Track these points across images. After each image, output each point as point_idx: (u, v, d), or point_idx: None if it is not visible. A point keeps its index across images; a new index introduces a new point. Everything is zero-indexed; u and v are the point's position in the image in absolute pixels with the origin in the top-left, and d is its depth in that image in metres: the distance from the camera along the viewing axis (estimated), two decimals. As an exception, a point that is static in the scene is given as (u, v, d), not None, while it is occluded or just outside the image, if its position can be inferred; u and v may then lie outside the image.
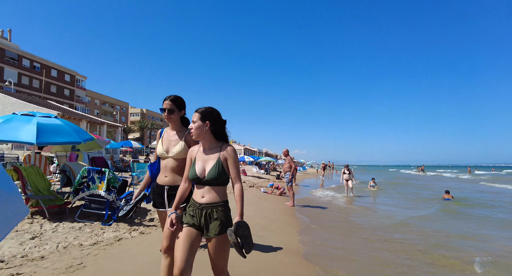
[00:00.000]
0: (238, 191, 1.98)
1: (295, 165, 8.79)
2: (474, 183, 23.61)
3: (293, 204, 8.66)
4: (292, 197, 8.70)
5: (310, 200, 10.85)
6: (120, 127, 26.16)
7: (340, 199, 11.03)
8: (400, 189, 17.44)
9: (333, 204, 9.75)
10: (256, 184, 14.46)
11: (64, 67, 51.62)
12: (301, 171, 39.68)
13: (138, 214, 5.37)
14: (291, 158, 8.88)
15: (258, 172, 22.63)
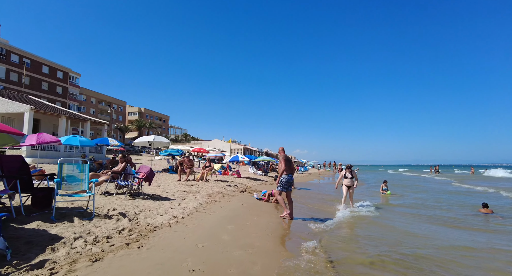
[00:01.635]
0: None
1: (284, 165, 6.81)
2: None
3: (290, 216, 6.67)
4: (284, 205, 6.76)
5: (315, 207, 8.81)
6: (106, 124, 24.17)
7: (355, 210, 8.98)
8: (419, 194, 15.34)
9: (348, 218, 7.71)
10: (250, 188, 12.42)
11: (56, 64, 49.73)
12: (303, 171, 37.62)
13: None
14: (283, 157, 6.90)
15: (255, 172, 20.59)
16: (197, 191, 9.19)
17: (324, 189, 15.91)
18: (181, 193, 8.36)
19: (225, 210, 6.78)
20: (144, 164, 19.40)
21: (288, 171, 6.76)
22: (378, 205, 10.06)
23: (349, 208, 8.59)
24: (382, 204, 10.63)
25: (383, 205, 10.56)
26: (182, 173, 12.86)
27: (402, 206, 10.37)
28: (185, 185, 10.42)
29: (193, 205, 6.80)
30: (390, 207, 10.12)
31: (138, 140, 16.94)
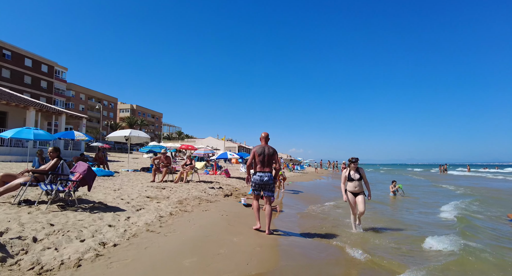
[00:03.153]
0: None
1: (250, 159, 4.99)
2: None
3: (268, 231, 4.84)
4: (257, 215, 5.12)
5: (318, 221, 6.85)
6: (85, 118, 21.96)
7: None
8: (433, 195, 13.45)
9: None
10: (238, 190, 10.42)
11: (40, 57, 47.09)
12: (299, 170, 35.71)
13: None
14: (256, 148, 5.01)
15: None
16: (166, 197, 7.15)
17: (326, 192, 13.96)
18: (141, 200, 6.31)
19: (193, 226, 4.76)
20: (133, 161, 17.02)
21: (257, 167, 4.83)
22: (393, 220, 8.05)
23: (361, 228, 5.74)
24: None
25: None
26: (157, 172, 10.81)
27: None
28: (155, 188, 8.37)
29: (147, 220, 4.76)
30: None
31: (112, 134, 14.82)
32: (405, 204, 10.30)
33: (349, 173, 5.74)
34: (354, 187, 5.67)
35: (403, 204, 10.44)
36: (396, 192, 11.96)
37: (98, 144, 38.98)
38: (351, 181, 5.69)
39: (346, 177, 5.75)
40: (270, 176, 4.82)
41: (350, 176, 5.71)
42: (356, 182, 5.66)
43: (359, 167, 5.74)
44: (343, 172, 5.85)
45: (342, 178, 5.84)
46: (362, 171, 5.73)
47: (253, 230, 4.99)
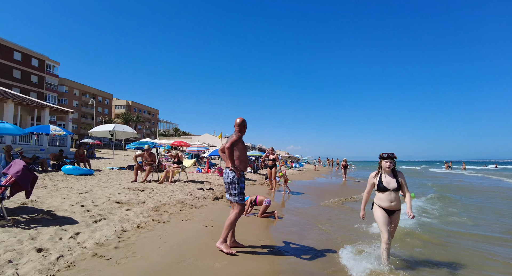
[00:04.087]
0: None
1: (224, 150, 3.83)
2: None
3: (235, 243, 3.72)
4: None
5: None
6: (71, 112, 20.65)
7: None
8: (459, 198, 12.33)
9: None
10: (231, 191, 9.23)
11: (30, 50, 45.48)
12: (297, 168, 34.59)
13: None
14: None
15: (243, 170, 17.45)
16: (142, 201, 5.95)
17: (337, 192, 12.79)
18: (106, 207, 5.11)
19: (163, 246, 3.57)
20: (122, 159, 15.60)
21: (232, 161, 3.65)
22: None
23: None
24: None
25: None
26: (140, 171, 9.61)
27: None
28: (132, 190, 7.17)
29: (102, 237, 3.57)
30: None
31: (96, 129, 13.57)
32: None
33: (381, 178, 3.58)
34: (390, 201, 3.50)
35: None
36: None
37: (89, 140, 37.70)
38: (384, 191, 3.53)
39: (375, 184, 3.62)
40: (228, 173, 3.70)
41: (382, 183, 3.54)
42: (392, 193, 3.50)
43: (398, 171, 3.62)
44: (370, 177, 3.71)
45: (368, 185, 3.72)
46: (402, 177, 3.60)
47: (243, 248, 3.82)
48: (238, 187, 3.67)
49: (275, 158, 10.83)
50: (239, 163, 3.71)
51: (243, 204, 3.74)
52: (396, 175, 3.59)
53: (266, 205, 6.23)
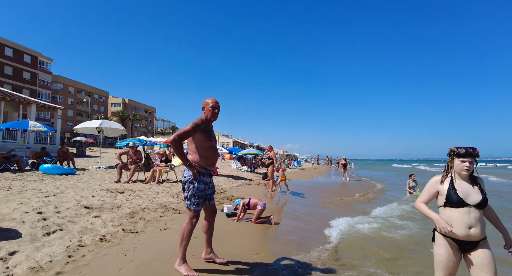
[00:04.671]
0: None
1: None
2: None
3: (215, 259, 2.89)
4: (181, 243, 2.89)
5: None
6: (60, 109, 19.75)
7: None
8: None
9: None
10: (224, 192, 8.45)
11: (22, 46, 44.38)
12: (296, 166, 33.85)
13: None
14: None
15: (238, 168, 16.59)
16: (117, 206, 5.14)
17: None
18: (70, 214, 4.30)
19: (125, 269, 2.77)
20: (115, 157, 14.74)
21: (182, 157, 2.86)
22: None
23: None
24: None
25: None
26: (125, 170, 8.80)
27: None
28: (111, 192, 6.35)
29: (46, 256, 2.76)
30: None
31: (81, 126, 12.73)
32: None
33: (453, 185, 2.19)
34: (468, 225, 2.06)
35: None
36: (415, 189, 10.06)
37: (83, 138, 36.76)
38: (459, 205, 2.10)
39: (442, 193, 2.21)
40: (184, 170, 3.00)
41: (456, 193, 2.14)
42: (472, 211, 2.07)
43: (476, 176, 2.26)
44: (433, 181, 2.30)
45: (425, 194, 2.30)
46: (483, 184, 2.23)
47: (226, 266, 3.03)
48: (192, 187, 2.87)
49: (271, 156, 10.07)
50: (198, 159, 2.94)
51: (197, 211, 2.93)
52: (477, 182, 2.21)
53: (260, 209, 5.44)
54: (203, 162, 2.94)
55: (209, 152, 2.97)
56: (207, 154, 2.96)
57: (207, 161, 2.97)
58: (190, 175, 2.90)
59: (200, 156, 2.93)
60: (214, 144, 3.06)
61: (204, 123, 2.98)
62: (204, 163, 2.94)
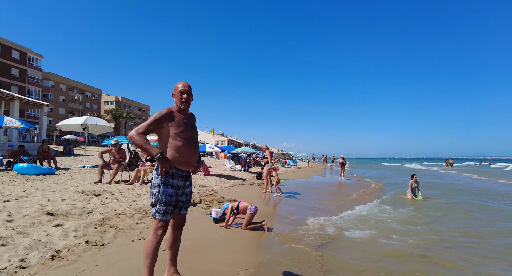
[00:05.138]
0: None
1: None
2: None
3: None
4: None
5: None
6: (46, 105, 18.90)
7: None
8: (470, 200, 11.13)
9: None
10: (214, 194, 7.83)
11: (10, 42, 43.12)
12: (291, 165, 33.34)
13: None
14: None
15: (232, 168, 15.96)
16: (89, 211, 4.50)
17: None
18: (28, 221, 3.65)
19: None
20: (105, 156, 14.05)
21: (170, 155, 2.39)
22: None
23: None
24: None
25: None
26: (107, 170, 8.14)
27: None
28: (85, 194, 5.70)
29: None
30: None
31: (64, 122, 12.00)
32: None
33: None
34: None
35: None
36: (417, 191, 9.53)
37: (72, 136, 35.79)
38: None
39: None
40: (153, 170, 2.48)
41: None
42: None
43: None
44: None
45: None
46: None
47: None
48: (156, 192, 2.33)
49: (266, 155, 9.49)
50: (172, 157, 2.36)
51: (164, 222, 2.34)
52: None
53: (251, 213, 4.85)
54: (174, 161, 2.34)
55: (181, 147, 2.37)
56: (179, 150, 2.36)
57: (180, 158, 2.37)
58: (157, 176, 2.33)
59: (169, 153, 2.34)
60: (189, 136, 2.45)
61: (173, 113, 2.42)
62: (175, 162, 2.35)
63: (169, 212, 2.37)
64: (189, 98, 2.54)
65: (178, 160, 2.36)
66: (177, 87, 2.52)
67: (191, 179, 2.63)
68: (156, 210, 2.32)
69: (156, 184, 2.34)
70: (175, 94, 2.51)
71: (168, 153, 2.36)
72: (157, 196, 2.32)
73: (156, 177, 2.37)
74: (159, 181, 2.34)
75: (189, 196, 2.60)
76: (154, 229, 2.33)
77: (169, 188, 2.33)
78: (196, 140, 2.58)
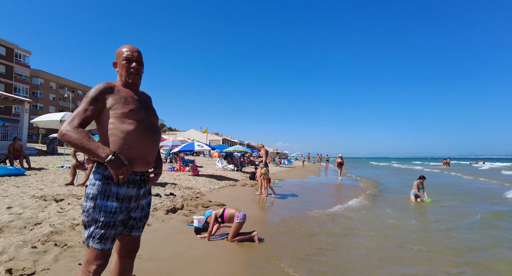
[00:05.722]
0: None
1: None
2: None
3: None
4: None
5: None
6: (27, 102, 17.82)
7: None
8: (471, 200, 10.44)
9: None
10: (201, 197, 7.00)
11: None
12: (286, 164, 32.62)
13: None
14: None
15: (224, 167, 15.11)
16: (38, 222, 3.63)
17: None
18: None
19: None
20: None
21: (114, 148, 1.61)
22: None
23: None
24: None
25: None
26: (81, 170, 7.25)
27: None
28: (43, 200, 4.81)
29: None
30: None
31: (40, 119, 11.02)
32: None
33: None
34: None
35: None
36: (420, 191, 8.79)
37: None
38: None
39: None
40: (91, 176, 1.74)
41: None
42: None
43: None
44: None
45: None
46: None
47: None
48: (90, 207, 1.57)
49: (261, 153, 8.71)
50: (118, 150, 1.60)
51: (102, 251, 1.54)
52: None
53: (238, 222, 4.03)
54: (121, 155, 1.57)
55: (132, 134, 1.62)
56: (128, 139, 1.61)
57: (130, 152, 1.62)
58: (94, 182, 1.59)
59: (114, 145, 1.60)
60: (143, 118, 1.69)
61: (116, 88, 1.70)
62: (123, 157, 1.57)
63: (111, 237, 1.57)
64: (140, 69, 1.78)
65: (128, 154, 1.59)
66: (120, 53, 1.75)
67: (149, 186, 1.83)
68: (89, 233, 1.55)
69: (92, 194, 1.56)
70: (119, 63, 1.75)
71: (112, 145, 1.59)
72: (92, 213, 1.54)
73: (92, 184, 1.58)
74: (96, 190, 1.55)
75: (146, 210, 1.81)
76: (85, 263, 1.56)
77: (111, 201, 1.56)
78: (155, 126, 1.79)
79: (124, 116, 1.59)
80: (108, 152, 1.49)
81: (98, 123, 1.65)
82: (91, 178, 1.60)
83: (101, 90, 1.60)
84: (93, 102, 1.57)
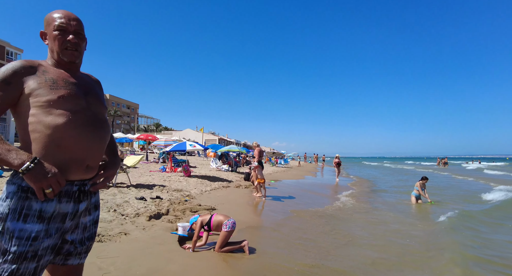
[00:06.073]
0: None
1: None
2: None
3: None
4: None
5: None
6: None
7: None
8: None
9: None
10: (190, 201, 6.56)
11: (-14, 34, 40.61)
12: (283, 164, 32.25)
13: None
14: None
15: (219, 167, 14.67)
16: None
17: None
18: None
19: None
20: None
21: (38, 148, 1.17)
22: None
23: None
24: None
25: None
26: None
27: None
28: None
29: None
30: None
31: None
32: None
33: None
34: None
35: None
36: (422, 192, 8.44)
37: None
38: None
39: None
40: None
41: None
42: None
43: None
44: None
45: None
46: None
47: None
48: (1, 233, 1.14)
49: (255, 153, 8.31)
50: (42, 152, 1.17)
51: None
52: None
53: (227, 231, 3.62)
54: (48, 159, 1.17)
55: (62, 128, 1.20)
56: (57, 136, 1.20)
57: (61, 155, 1.21)
58: (5, 196, 1.16)
59: (37, 146, 1.19)
60: (80, 108, 1.27)
61: (41, 66, 1.26)
62: (51, 161, 1.17)
63: (30, 274, 1.14)
64: (80, 44, 1.34)
65: (59, 157, 1.19)
66: (51, 20, 1.29)
67: (95, 198, 1.41)
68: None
69: (3, 214, 1.13)
70: (49, 33, 1.30)
71: (36, 145, 1.17)
72: (2, 240, 1.12)
73: (2, 200, 1.15)
74: (7, 208, 1.13)
75: (91, 229, 1.38)
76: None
77: (31, 223, 1.14)
78: (99, 118, 1.35)
79: (51, 106, 1.17)
80: (24, 158, 1.07)
81: (16, 116, 1.22)
82: (3, 190, 1.17)
83: (15, 70, 1.17)
84: (2, 87, 1.15)
